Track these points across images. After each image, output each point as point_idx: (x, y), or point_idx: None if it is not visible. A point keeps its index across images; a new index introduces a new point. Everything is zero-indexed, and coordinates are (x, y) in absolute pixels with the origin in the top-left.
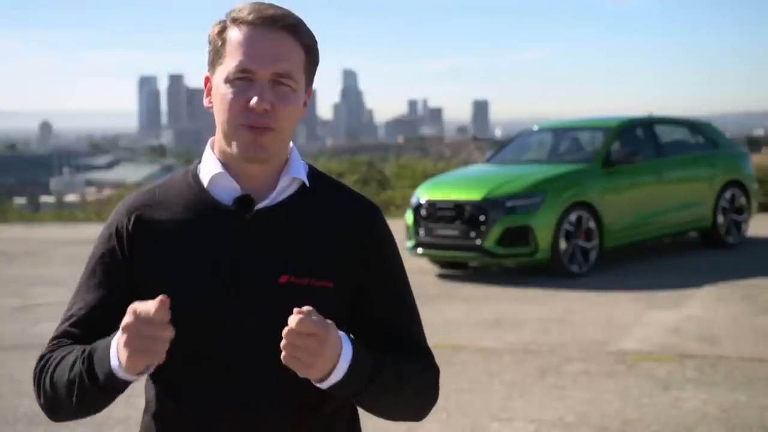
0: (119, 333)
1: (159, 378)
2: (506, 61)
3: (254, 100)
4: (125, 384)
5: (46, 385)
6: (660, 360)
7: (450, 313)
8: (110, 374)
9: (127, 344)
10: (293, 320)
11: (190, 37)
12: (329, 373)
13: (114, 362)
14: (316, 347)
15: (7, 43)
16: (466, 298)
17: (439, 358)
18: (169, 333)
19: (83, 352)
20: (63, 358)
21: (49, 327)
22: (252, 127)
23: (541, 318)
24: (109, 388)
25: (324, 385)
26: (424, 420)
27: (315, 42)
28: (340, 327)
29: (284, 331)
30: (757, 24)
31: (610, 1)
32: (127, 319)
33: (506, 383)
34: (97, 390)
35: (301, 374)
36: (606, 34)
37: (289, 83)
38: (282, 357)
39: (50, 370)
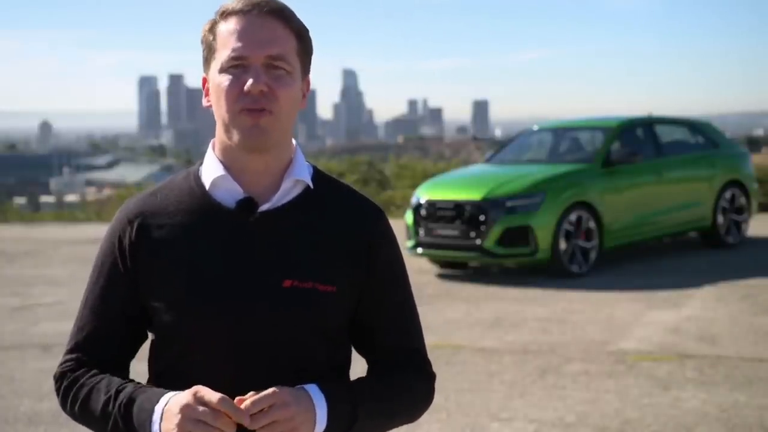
0: (173, 407)
1: (160, 382)
2: (506, 61)
3: (249, 82)
4: None
5: (75, 412)
6: (660, 360)
7: (450, 313)
8: None
9: (181, 426)
10: (247, 405)
11: (190, 37)
12: (313, 427)
13: (155, 429)
14: (284, 413)
15: (7, 44)
16: (466, 298)
17: (439, 358)
18: (230, 429)
19: (116, 397)
20: (91, 390)
21: (49, 327)
22: (250, 111)
23: (541, 318)
24: None
25: None
26: (425, 420)
27: (306, 29)
28: (341, 329)
29: (249, 424)
30: (756, 24)
31: (611, 1)
32: (190, 400)
33: (506, 383)
34: None
35: None
36: (606, 34)
37: (283, 65)
38: None
39: (79, 401)
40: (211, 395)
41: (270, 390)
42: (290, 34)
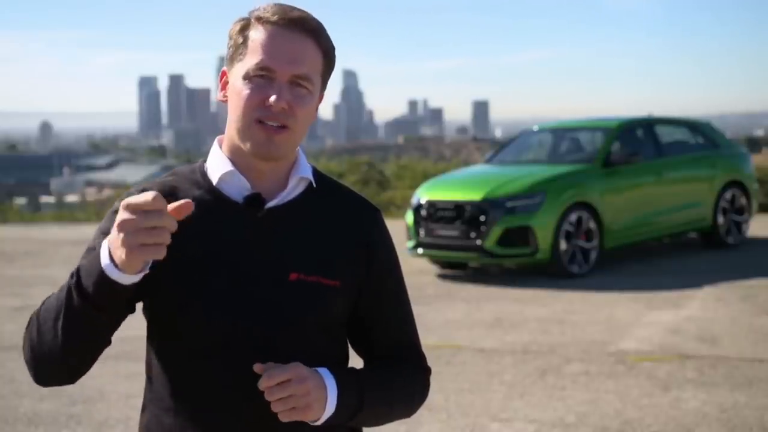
0: (112, 234)
1: (163, 376)
2: (506, 61)
3: (273, 97)
4: (118, 293)
5: (33, 330)
6: (660, 360)
7: (450, 313)
8: (101, 276)
9: (125, 242)
10: (263, 382)
11: (191, 38)
12: (324, 407)
13: (105, 261)
14: (301, 388)
15: (7, 44)
16: (466, 298)
17: (439, 359)
18: (171, 222)
19: (71, 277)
20: (44, 303)
21: None
22: (266, 126)
23: (541, 318)
24: (102, 297)
25: (320, 421)
26: (425, 420)
27: (333, 48)
28: (341, 325)
29: (266, 395)
30: (757, 24)
31: (611, 1)
32: (123, 215)
33: (506, 383)
34: (88, 305)
35: (307, 419)
36: (606, 34)
37: (307, 85)
38: (281, 418)
39: (39, 313)
40: (141, 198)
41: (290, 365)
42: (319, 53)
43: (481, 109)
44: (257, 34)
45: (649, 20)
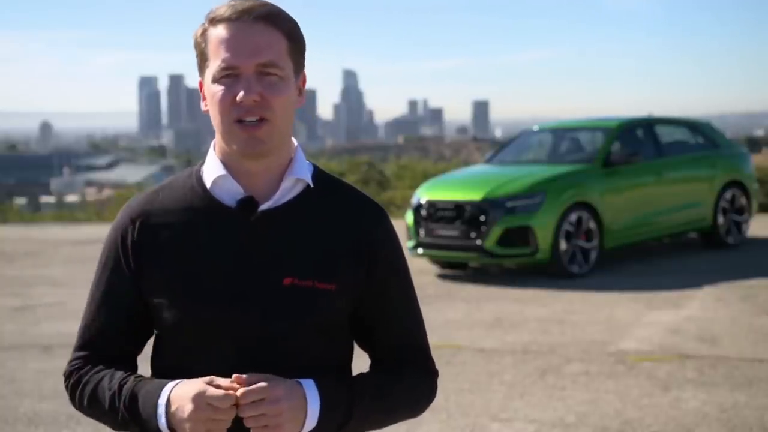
0: (179, 404)
1: (161, 377)
2: (506, 61)
3: (241, 94)
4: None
5: (85, 409)
6: (660, 360)
7: (450, 313)
8: (153, 426)
9: (192, 427)
10: (239, 397)
11: (191, 38)
12: (304, 422)
13: (162, 422)
14: (273, 408)
15: (7, 44)
16: (466, 298)
17: (439, 359)
18: (232, 415)
19: (120, 392)
20: (95, 388)
21: (49, 327)
22: (244, 123)
23: (541, 318)
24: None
25: None
26: (425, 420)
27: (295, 26)
28: (341, 327)
29: (238, 411)
30: (757, 24)
31: (611, 1)
32: (198, 407)
33: (506, 383)
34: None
35: None
36: (606, 34)
37: (275, 71)
38: None
39: (86, 398)
40: (217, 396)
41: (263, 384)
42: (280, 36)
43: (481, 109)
44: (214, 35)
45: (649, 20)
